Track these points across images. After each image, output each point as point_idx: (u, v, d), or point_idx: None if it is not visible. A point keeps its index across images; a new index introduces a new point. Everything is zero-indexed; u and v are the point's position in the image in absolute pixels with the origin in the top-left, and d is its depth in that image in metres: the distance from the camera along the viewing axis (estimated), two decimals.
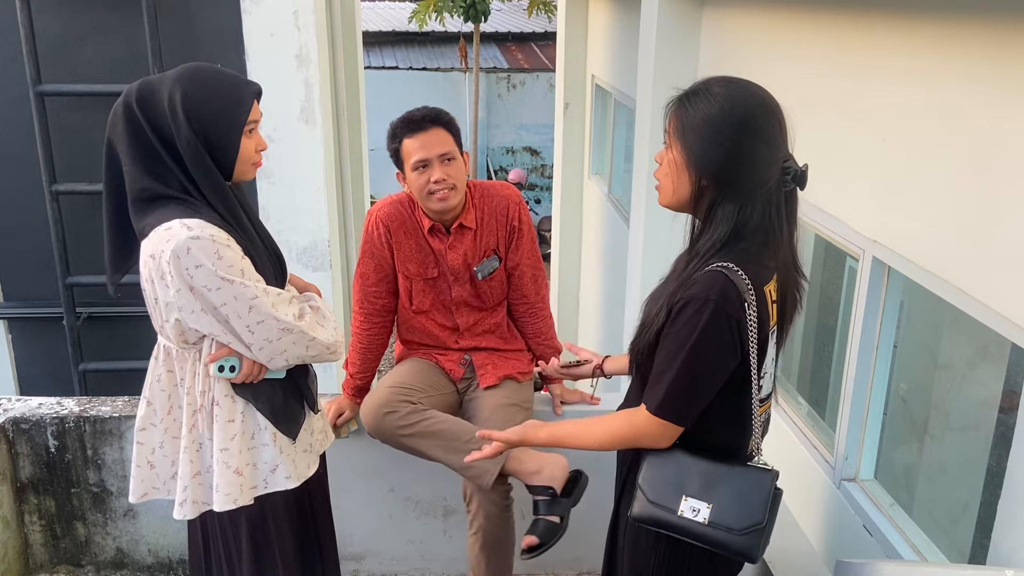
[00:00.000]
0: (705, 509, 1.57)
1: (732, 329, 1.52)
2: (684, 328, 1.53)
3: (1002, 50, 1.81)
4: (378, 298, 2.53)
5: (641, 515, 1.62)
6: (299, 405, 1.91)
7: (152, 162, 1.70)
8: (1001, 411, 2.09)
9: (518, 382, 2.57)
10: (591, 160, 7.75)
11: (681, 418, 1.58)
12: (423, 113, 2.37)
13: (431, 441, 2.31)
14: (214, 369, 1.77)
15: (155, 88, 1.71)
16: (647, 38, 4.14)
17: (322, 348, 1.83)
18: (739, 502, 1.57)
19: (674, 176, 1.60)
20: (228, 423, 1.80)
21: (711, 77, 1.60)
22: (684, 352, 1.53)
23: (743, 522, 1.56)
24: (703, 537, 1.58)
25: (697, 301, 1.52)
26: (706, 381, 1.56)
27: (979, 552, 2.08)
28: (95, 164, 4.55)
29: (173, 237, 1.64)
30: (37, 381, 4.64)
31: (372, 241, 2.48)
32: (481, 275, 2.49)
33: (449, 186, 2.34)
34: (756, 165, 1.54)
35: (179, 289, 1.66)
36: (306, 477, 1.94)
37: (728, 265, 1.52)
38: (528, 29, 18.13)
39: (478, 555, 2.42)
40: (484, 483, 2.28)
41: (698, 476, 1.59)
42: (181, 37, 4.06)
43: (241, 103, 1.74)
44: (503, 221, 2.50)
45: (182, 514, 1.86)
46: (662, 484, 1.60)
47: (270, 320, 1.73)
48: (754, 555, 1.56)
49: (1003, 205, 1.79)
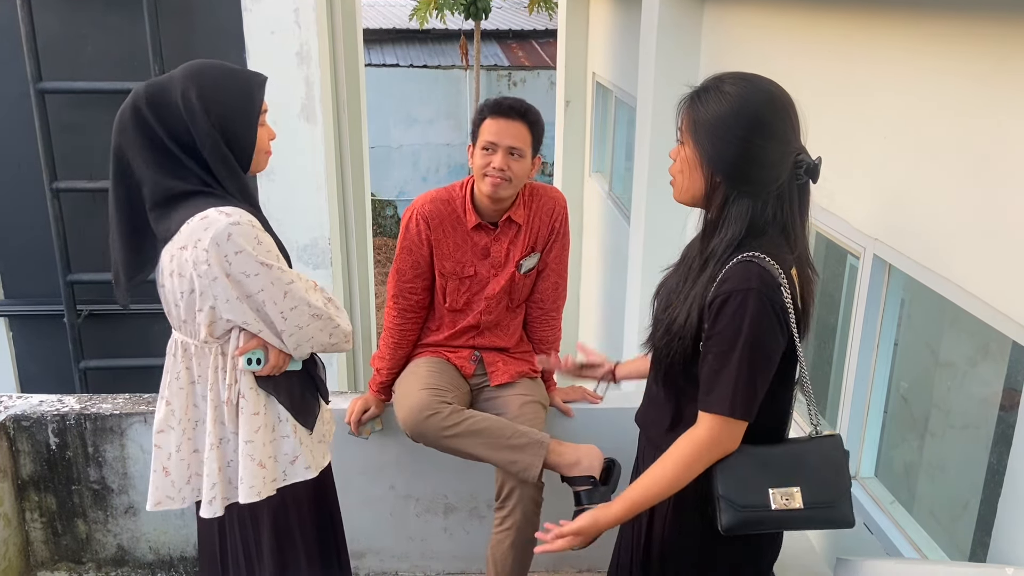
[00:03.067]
0: (797, 493, 1.55)
1: (777, 313, 1.53)
2: (732, 323, 1.52)
3: (1004, 47, 1.81)
4: (413, 294, 2.53)
5: (736, 524, 1.55)
6: (314, 396, 1.94)
7: (169, 163, 1.70)
8: (1002, 409, 2.09)
9: (531, 379, 2.59)
10: (592, 158, 7.75)
11: (749, 413, 1.56)
12: (512, 102, 2.38)
13: (474, 440, 2.31)
14: (242, 362, 1.78)
15: (164, 88, 1.71)
16: (648, 35, 4.13)
17: (341, 336, 1.87)
18: (825, 474, 1.56)
19: (687, 173, 1.62)
20: (253, 416, 1.81)
21: (723, 73, 1.61)
22: (739, 346, 1.52)
23: (835, 492, 1.56)
24: (807, 520, 1.56)
25: (739, 294, 1.52)
26: (766, 370, 1.56)
27: (979, 550, 2.09)
28: (96, 161, 4.55)
29: (211, 225, 1.64)
30: (38, 378, 4.64)
31: (410, 237, 2.48)
32: (523, 269, 2.51)
33: (505, 177, 2.34)
34: (768, 162, 1.54)
35: (215, 278, 1.67)
36: (323, 467, 1.96)
37: (755, 254, 1.54)
38: (529, 27, 18.13)
39: (506, 552, 2.41)
40: (531, 476, 2.28)
41: (776, 465, 1.57)
42: (182, 34, 4.06)
43: (253, 94, 1.76)
44: (547, 221, 2.51)
45: (211, 512, 1.85)
46: (744, 485, 1.55)
47: (303, 306, 1.76)
48: (852, 519, 1.56)
49: (1004, 203, 1.79)
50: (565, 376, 2.37)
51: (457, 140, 16.65)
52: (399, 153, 17.03)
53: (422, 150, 17.09)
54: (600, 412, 2.72)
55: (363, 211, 5.52)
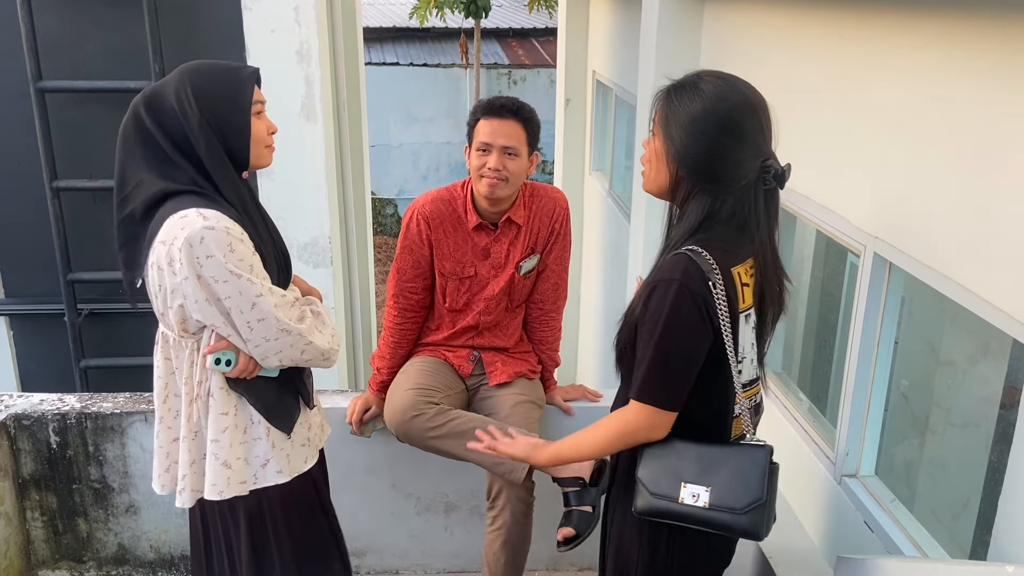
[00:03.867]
0: (704, 493, 1.58)
1: (699, 306, 1.55)
2: (654, 311, 1.56)
3: (1004, 45, 1.80)
4: (413, 293, 2.53)
5: (645, 508, 1.63)
6: (294, 400, 1.92)
7: (163, 164, 1.73)
8: (1002, 407, 2.09)
9: (529, 379, 2.59)
10: (592, 156, 7.75)
11: (665, 402, 1.59)
12: (505, 101, 2.38)
13: (460, 441, 2.31)
14: (210, 361, 1.78)
15: (159, 91, 1.75)
16: (648, 34, 4.13)
17: (316, 354, 1.84)
18: (737, 481, 1.57)
19: (655, 164, 1.66)
20: (221, 415, 1.82)
21: (702, 71, 1.65)
22: (657, 334, 1.55)
23: (743, 501, 1.56)
24: (707, 521, 1.58)
25: (663, 283, 1.56)
26: (682, 360, 1.58)
27: (980, 548, 2.09)
28: (96, 160, 4.54)
29: (188, 225, 1.66)
30: (38, 377, 4.65)
31: (411, 237, 2.48)
32: (523, 271, 2.50)
33: (502, 177, 2.34)
34: (733, 162, 1.58)
35: (186, 277, 1.67)
36: (301, 471, 1.94)
37: (692, 248, 1.57)
38: (529, 25, 18.13)
39: (497, 552, 2.42)
40: (516, 477, 2.28)
41: (694, 461, 1.60)
42: (181, 33, 4.06)
43: (243, 83, 1.77)
44: (547, 222, 2.51)
45: (181, 502, 1.88)
46: (660, 474, 1.61)
47: (271, 319, 1.74)
48: (760, 532, 1.57)
49: (1005, 201, 1.79)
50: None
51: (457, 139, 16.65)
52: (399, 151, 17.04)
53: (422, 148, 17.10)
54: (601, 410, 2.72)
55: (363, 210, 5.53)
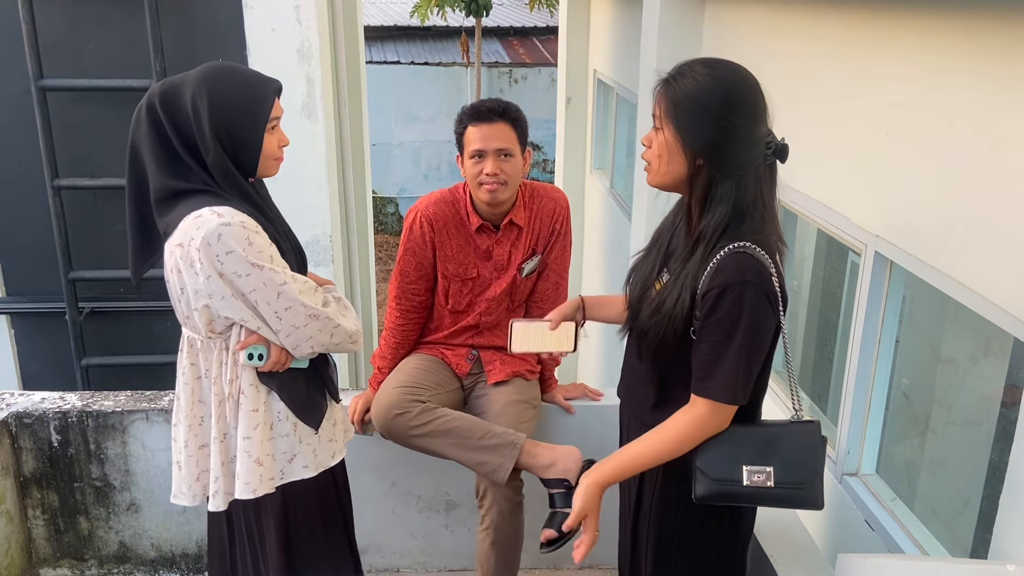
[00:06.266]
0: (768, 472, 1.62)
1: (772, 303, 1.59)
2: (731, 313, 1.57)
3: (1004, 44, 1.80)
4: (416, 295, 2.53)
5: (707, 494, 1.64)
6: (321, 395, 1.94)
7: (174, 162, 1.73)
8: (1003, 406, 2.09)
9: (526, 380, 2.58)
10: (593, 155, 7.75)
11: (741, 397, 1.63)
12: (491, 104, 2.36)
13: (444, 440, 2.31)
14: (243, 357, 1.78)
15: (177, 88, 1.73)
16: (649, 32, 4.13)
17: (345, 336, 1.86)
18: (797, 458, 1.63)
19: (667, 157, 1.64)
20: (252, 412, 1.82)
21: (692, 60, 1.65)
22: (738, 336, 1.57)
23: (806, 475, 1.62)
24: (775, 499, 1.63)
25: (735, 287, 1.56)
26: (760, 358, 1.63)
27: (981, 547, 2.09)
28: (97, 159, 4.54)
29: (203, 224, 1.66)
30: (40, 376, 4.65)
31: (414, 239, 2.47)
32: (525, 272, 2.50)
33: (500, 181, 2.34)
34: (746, 140, 1.58)
35: (209, 276, 1.68)
36: (328, 466, 1.96)
37: (746, 245, 1.58)
38: (530, 23, 18.13)
39: (488, 551, 2.42)
40: (499, 478, 2.28)
41: (752, 444, 1.64)
42: (182, 32, 4.06)
43: (263, 100, 1.75)
44: (548, 222, 2.50)
45: (215, 506, 1.87)
46: (719, 460, 1.64)
47: (298, 306, 1.75)
48: (821, 502, 1.63)
49: (1005, 199, 1.79)
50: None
51: None
52: (400, 150, 17.04)
53: (423, 147, 17.10)
54: (601, 409, 2.72)
55: (364, 208, 5.53)
